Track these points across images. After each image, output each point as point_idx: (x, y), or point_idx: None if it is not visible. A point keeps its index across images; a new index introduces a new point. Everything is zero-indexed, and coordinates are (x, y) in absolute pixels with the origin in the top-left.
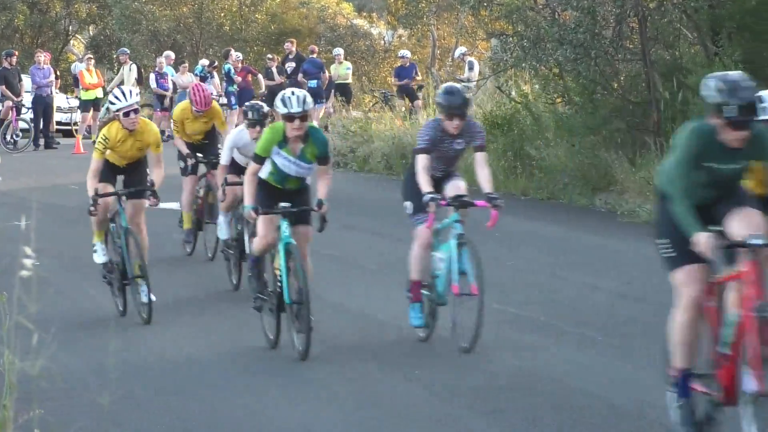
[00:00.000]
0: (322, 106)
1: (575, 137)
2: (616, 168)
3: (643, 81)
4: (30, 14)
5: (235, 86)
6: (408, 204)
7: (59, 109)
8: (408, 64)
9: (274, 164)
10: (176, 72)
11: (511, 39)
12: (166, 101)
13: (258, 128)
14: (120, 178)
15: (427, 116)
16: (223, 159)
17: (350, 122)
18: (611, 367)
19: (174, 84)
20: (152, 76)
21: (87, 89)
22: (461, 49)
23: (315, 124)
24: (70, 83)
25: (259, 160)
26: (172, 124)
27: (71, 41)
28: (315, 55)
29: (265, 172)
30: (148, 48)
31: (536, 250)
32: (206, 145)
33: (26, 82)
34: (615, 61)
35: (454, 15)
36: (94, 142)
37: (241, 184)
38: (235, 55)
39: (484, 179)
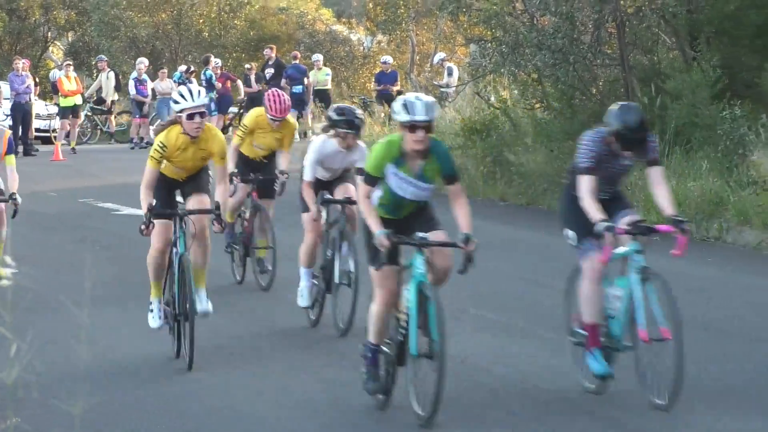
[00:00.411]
0: (308, 111)
1: (554, 143)
2: None
3: (621, 86)
4: (9, 21)
5: (215, 93)
6: (570, 233)
7: (38, 116)
8: (389, 70)
9: (386, 188)
10: (150, 80)
11: (489, 44)
12: (145, 108)
13: (352, 137)
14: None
15: None
16: (308, 175)
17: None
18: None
19: (153, 91)
20: (131, 83)
21: (66, 96)
22: (440, 55)
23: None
24: (49, 90)
25: (371, 180)
26: (236, 131)
27: (50, 48)
28: (297, 61)
29: (374, 198)
30: (127, 54)
31: (515, 255)
32: (265, 165)
33: (5, 89)
34: (593, 67)
35: (433, 21)
36: (73, 149)
37: (338, 202)
38: (213, 61)
39: (664, 199)
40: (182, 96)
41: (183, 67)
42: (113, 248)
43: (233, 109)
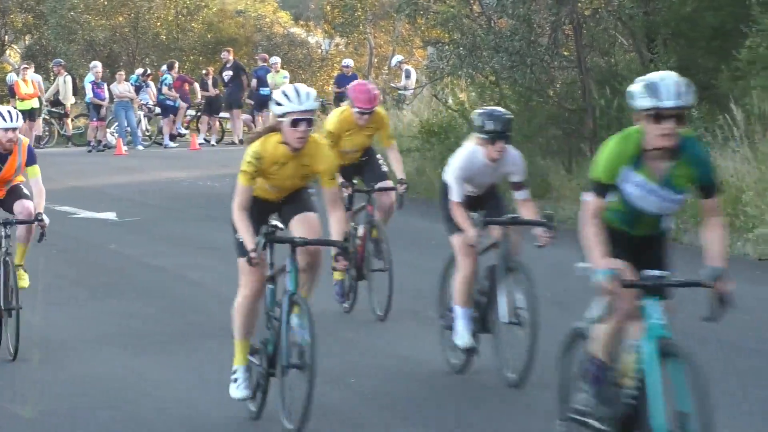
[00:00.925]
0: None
1: (512, 144)
2: (552, 175)
3: (578, 88)
4: None
5: (164, 96)
6: None
7: None
8: (350, 73)
9: (620, 195)
10: (107, 83)
11: (447, 47)
12: (103, 111)
13: (491, 145)
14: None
15: None
16: (456, 194)
17: None
18: (543, 372)
19: (110, 94)
20: (88, 86)
21: (23, 99)
22: (398, 58)
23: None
24: (6, 94)
25: (602, 189)
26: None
27: (7, 51)
28: (266, 64)
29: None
30: (84, 58)
31: None
32: (364, 164)
33: None
34: (551, 69)
35: (390, 23)
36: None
37: (502, 222)
38: (176, 67)
39: None
40: (286, 97)
41: (140, 70)
42: (70, 251)
43: (191, 112)
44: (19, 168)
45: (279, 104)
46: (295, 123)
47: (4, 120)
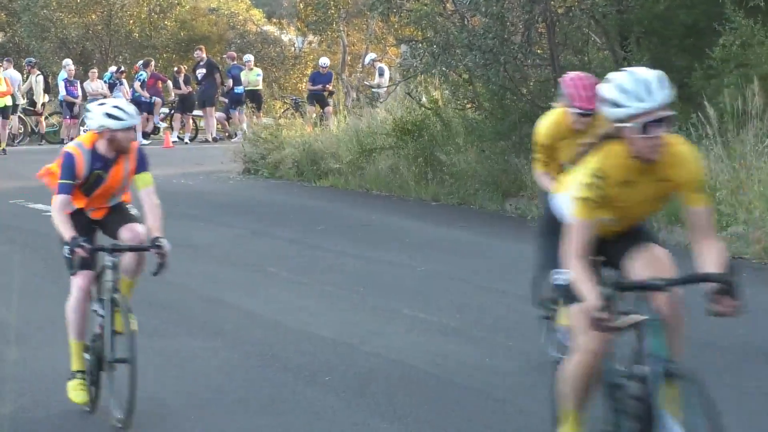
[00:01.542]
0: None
1: (485, 143)
2: (525, 173)
3: (552, 86)
4: None
5: (138, 93)
6: None
7: None
8: (326, 72)
9: None
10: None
11: (420, 45)
12: (76, 108)
13: None
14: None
15: (338, 123)
16: None
17: (261, 129)
18: (521, 372)
19: (84, 91)
20: (61, 84)
21: None
22: (371, 56)
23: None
24: None
25: None
26: (533, 157)
27: None
28: (236, 62)
29: None
30: (57, 55)
31: (447, 255)
32: None
33: None
34: (524, 67)
35: (363, 21)
36: (3, 150)
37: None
38: (152, 65)
39: None
40: (625, 93)
41: (113, 68)
42: (44, 249)
43: (164, 110)
44: (127, 176)
45: (617, 105)
46: (646, 127)
47: (127, 114)
